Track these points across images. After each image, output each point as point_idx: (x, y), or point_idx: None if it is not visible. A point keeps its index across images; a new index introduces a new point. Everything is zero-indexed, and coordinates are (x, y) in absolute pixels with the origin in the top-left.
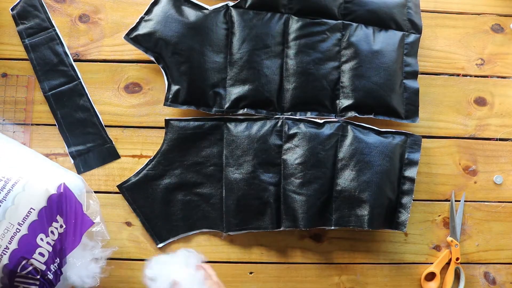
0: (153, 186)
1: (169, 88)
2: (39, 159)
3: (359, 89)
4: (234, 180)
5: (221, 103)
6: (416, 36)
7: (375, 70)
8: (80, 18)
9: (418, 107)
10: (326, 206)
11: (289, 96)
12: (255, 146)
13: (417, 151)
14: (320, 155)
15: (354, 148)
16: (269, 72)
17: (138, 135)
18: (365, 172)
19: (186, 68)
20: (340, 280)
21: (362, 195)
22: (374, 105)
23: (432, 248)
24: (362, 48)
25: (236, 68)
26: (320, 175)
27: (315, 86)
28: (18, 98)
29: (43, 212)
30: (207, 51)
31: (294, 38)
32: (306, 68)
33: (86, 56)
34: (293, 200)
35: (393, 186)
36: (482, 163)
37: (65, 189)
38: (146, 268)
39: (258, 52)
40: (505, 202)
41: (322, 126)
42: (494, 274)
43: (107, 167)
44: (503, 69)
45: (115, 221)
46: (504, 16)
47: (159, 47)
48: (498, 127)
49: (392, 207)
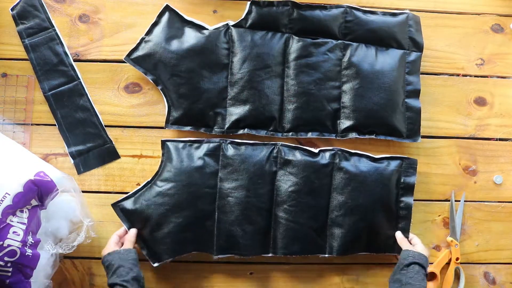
0: (147, 207)
1: (169, 111)
2: (18, 150)
3: (360, 110)
4: (227, 204)
5: (222, 123)
6: (418, 54)
7: (376, 90)
8: (80, 18)
9: (420, 126)
10: (319, 234)
11: (290, 117)
12: (250, 170)
13: (413, 175)
14: (314, 184)
15: (348, 177)
16: (270, 92)
17: (138, 135)
18: (360, 200)
19: (185, 90)
20: (341, 280)
21: (358, 223)
22: (375, 126)
23: (432, 248)
24: (363, 68)
25: (237, 88)
26: (313, 204)
27: (316, 106)
28: (18, 98)
29: (19, 197)
30: (207, 72)
31: (295, 58)
32: (307, 88)
33: (86, 56)
34: (284, 227)
35: (390, 212)
36: (482, 163)
37: (43, 177)
38: None
39: (259, 72)
40: (504, 202)
41: (317, 155)
42: (494, 274)
43: (107, 167)
44: (503, 69)
45: (114, 221)
46: (504, 16)
47: (158, 69)
48: (498, 127)
49: (390, 232)
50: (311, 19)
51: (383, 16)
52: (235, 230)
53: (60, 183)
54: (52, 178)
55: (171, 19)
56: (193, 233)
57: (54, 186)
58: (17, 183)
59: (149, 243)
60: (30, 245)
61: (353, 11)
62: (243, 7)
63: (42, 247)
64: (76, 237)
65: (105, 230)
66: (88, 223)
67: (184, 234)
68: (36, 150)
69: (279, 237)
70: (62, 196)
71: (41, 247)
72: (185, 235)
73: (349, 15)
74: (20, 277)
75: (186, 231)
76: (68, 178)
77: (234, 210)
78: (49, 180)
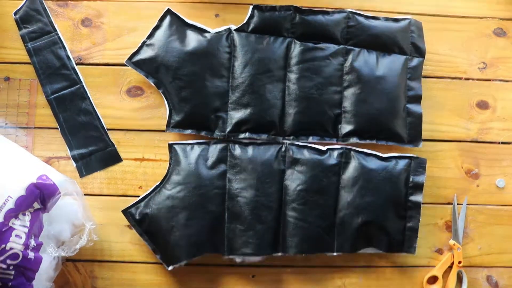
0: (158, 211)
1: (170, 114)
2: (21, 153)
3: (361, 115)
4: (237, 204)
5: (223, 127)
6: (420, 59)
7: (378, 96)
8: (83, 22)
9: (421, 131)
10: (327, 233)
11: (291, 121)
12: (258, 170)
13: (422, 174)
14: (322, 182)
15: (357, 175)
16: (271, 96)
17: (140, 138)
18: (369, 198)
19: (187, 93)
20: (343, 283)
21: (366, 221)
22: (376, 131)
23: (435, 252)
24: (365, 73)
25: (238, 92)
26: (322, 202)
27: (317, 111)
28: (21, 101)
29: (21, 200)
30: (209, 75)
31: (297, 63)
32: (309, 93)
33: (89, 60)
34: (294, 226)
35: (398, 211)
36: (484, 167)
37: (45, 180)
38: None
39: (260, 76)
40: (507, 205)
41: (325, 153)
42: (497, 277)
43: (109, 170)
44: (506, 73)
45: (117, 224)
46: (507, 20)
47: (160, 73)
48: (500, 131)
49: (399, 231)
50: (313, 23)
51: (385, 21)
52: (245, 230)
53: (62, 186)
54: (54, 181)
55: (172, 22)
56: (205, 235)
57: (56, 189)
58: (20, 187)
59: (162, 247)
60: (32, 248)
61: (356, 16)
62: (245, 11)
63: (45, 250)
64: (79, 240)
65: (107, 233)
66: (91, 226)
67: (197, 236)
68: (38, 153)
69: (288, 236)
70: (65, 199)
71: (43, 250)
72: (197, 237)
73: (352, 20)
74: (22, 280)
75: (198, 233)
76: (71, 182)
77: (244, 210)
78: (52, 183)
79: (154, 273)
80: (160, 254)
